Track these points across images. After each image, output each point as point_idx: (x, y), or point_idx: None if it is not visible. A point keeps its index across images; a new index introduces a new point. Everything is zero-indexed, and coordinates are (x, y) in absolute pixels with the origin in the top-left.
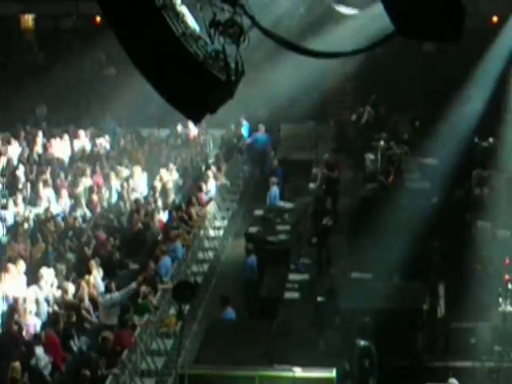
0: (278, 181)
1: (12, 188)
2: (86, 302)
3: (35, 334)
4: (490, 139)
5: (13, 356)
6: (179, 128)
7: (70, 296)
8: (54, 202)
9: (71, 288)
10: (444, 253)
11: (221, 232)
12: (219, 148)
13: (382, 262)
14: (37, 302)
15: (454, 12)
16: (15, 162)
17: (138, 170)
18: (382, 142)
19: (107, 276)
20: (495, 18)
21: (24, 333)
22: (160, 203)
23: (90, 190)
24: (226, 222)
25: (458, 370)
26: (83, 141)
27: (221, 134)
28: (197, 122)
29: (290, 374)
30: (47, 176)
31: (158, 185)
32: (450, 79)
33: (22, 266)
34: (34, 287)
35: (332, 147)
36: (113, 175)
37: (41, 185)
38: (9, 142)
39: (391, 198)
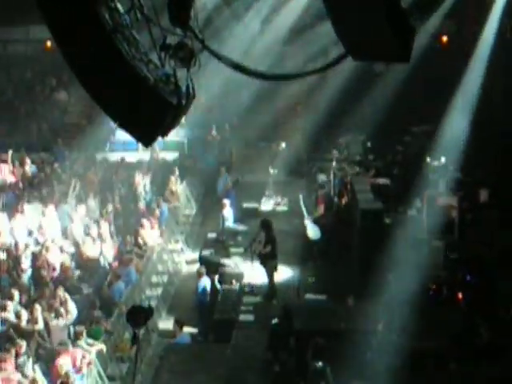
0: (230, 203)
1: None
2: (41, 327)
3: None
4: (443, 159)
5: None
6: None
7: (23, 322)
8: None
9: (24, 314)
10: (398, 273)
11: (174, 255)
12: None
13: (336, 283)
14: None
15: (404, 33)
16: None
17: (90, 194)
18: (334, 163)
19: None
20: (445, 38)
21: None
22: (113, 227)
23: (42, 214)
24: (179, 245)
25: None
26: (31, 166)
27: (173, 156)
28: (148, 145)
29: None
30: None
31: (110, 208)
32: (402, 99)
33: None
34: None
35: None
36: (65, 200)
37: None
38: None
39: (344, 219)
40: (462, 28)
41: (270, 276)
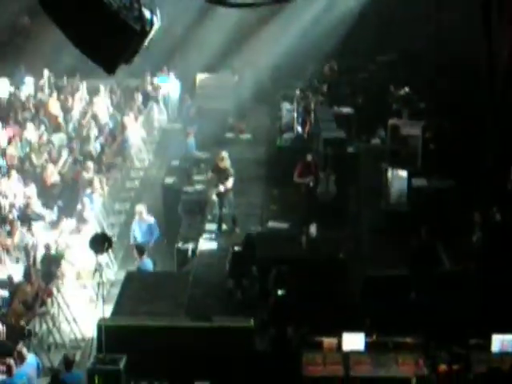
0: (194, 130)
1: None
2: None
3: None
4: (406, 88)
5: None
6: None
7: None
8: None
9: None
10: (360, 201)
11: (137, 182)
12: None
13: (299, 210)
14: None
15: None
16: None
17: (52, 120)
18: (297, 92)
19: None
20: None
21: None
22: (78, 153)
23: (8, 141)
24: (142, 173)
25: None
26: None
27: (136, 84)
28: (111, 72)
29: (207, 325)
30: None
31: (73, 134)
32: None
33: None
34: None
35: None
36: (28, 126)
37: None
38: None
39: (308, 147)
40: None
41: (232, 205)
